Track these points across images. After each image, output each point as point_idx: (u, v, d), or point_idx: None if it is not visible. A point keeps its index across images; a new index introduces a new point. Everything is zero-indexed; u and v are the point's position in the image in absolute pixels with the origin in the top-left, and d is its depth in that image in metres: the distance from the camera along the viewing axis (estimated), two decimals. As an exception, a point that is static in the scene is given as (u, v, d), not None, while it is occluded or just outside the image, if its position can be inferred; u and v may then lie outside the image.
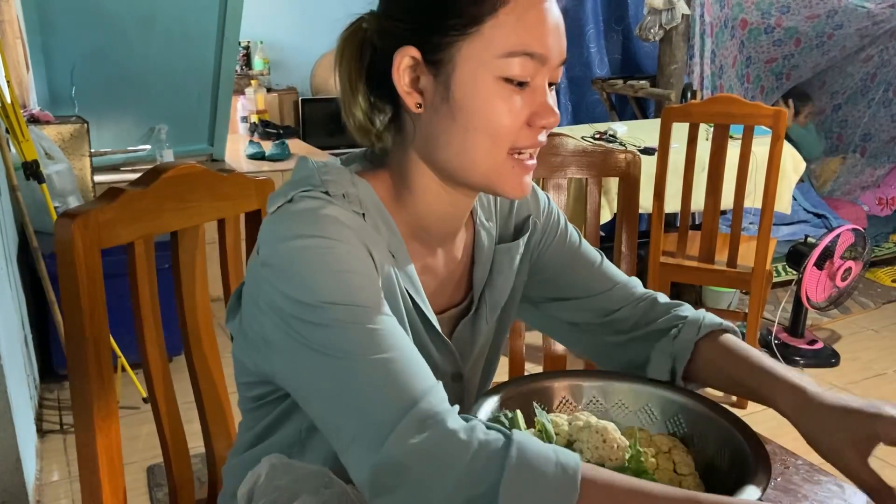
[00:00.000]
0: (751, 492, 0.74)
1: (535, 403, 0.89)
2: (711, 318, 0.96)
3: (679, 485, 0.81)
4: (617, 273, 1.02)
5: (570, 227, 1.03)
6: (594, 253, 1.03)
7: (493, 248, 0.94)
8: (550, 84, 0.79)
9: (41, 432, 2.41)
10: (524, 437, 0.64)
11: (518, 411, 0.84)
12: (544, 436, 0.81)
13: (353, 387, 0.66)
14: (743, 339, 0.94)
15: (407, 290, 0.82)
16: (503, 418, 0.83)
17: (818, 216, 3.88)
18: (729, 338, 0.93)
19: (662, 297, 1.01)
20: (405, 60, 0.77)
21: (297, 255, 0.71)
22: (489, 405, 0.88)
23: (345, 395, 0.66)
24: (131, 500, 0.84)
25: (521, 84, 0.75)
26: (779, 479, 0.91)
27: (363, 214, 0.79)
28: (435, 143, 0.79)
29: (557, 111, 0.78)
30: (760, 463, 0.78)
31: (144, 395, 2.45)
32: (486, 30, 0.74)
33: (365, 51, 0.81)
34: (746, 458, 0.80)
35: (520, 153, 0.78)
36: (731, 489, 0.76)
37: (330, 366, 0.68)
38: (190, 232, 1.08)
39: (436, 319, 0.86)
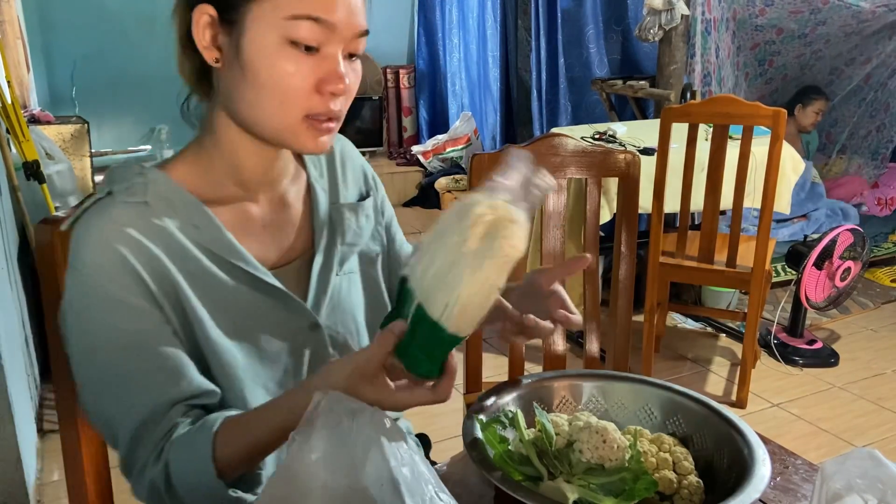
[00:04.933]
0: (750, 491, 0.74)
1: (535, 403, 0.89)
2: None
3: (679, 484, 0.82)
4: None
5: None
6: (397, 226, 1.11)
7: (334, 202, 0.98)
8: (352, 55, 0.82)
9: (42, 432, 2.41)
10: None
11: (518, 411, 0.85)
12: (544, 436, 0.81)
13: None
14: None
15: (222, 255, 0.85)
16: (503, 418, 0.83)
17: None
18: None
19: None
20: (203, 18, 0.81)
21: (68, 288, 0.82)
22: (490, 405, 0.89)
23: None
24: (132, 500, 0.85)
25: (309, 48, 0.79)
26: (778, 479, 0.91)
27: (146, 202, 0.83)
28: (231, 98, 0.83)
29: (347, 80, 0.81)
30: (760, 463, 0.79)
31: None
32: None
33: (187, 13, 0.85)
34: (745, 458, 0.80)
35: (316, 118, 0.82)
36: (731, 489, 0.76)
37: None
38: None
39: (265, 272, 0.88)
